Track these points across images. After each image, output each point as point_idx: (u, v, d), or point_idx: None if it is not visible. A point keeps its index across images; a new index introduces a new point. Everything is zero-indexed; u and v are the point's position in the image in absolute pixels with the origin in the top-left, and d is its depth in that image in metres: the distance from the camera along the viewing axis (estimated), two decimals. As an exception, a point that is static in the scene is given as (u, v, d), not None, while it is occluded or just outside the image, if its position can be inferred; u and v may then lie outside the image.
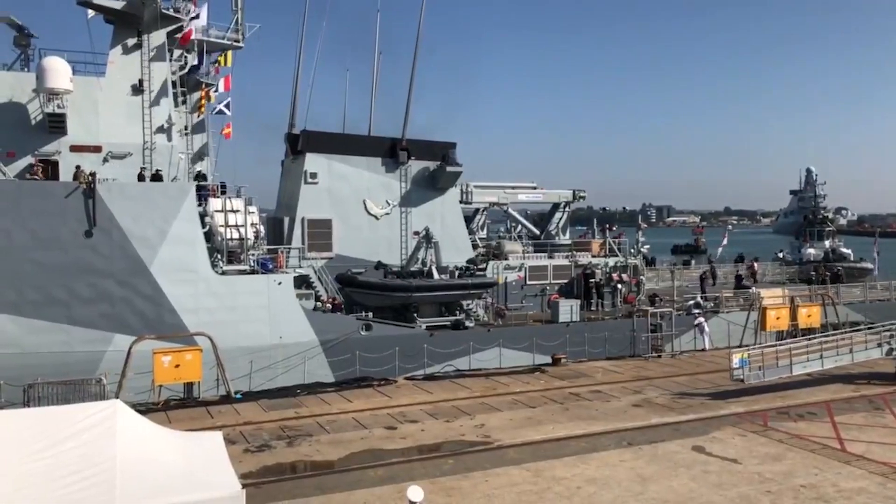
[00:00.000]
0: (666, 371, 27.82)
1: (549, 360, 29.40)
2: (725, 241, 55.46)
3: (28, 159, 26.31)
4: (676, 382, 25.77)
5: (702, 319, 33.37)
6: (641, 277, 38.73)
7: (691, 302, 35.57)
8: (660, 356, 30.81)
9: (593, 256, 38.43)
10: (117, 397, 18.86)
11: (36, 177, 25.45)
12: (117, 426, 9.83)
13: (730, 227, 79.66)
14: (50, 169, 26.33)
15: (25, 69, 27.92)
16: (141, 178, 27.05)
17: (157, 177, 27.28)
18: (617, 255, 39.02)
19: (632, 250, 39.77)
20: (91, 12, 28.35)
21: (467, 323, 31.48)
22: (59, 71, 25.66)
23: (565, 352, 29.92)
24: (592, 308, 35.40)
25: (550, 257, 37.33)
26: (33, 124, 26.47)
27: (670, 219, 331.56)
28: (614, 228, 41.81)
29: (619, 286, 36.78)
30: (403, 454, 17.89)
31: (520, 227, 42.55)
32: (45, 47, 27.94)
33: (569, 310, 32.67)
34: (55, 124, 26.23)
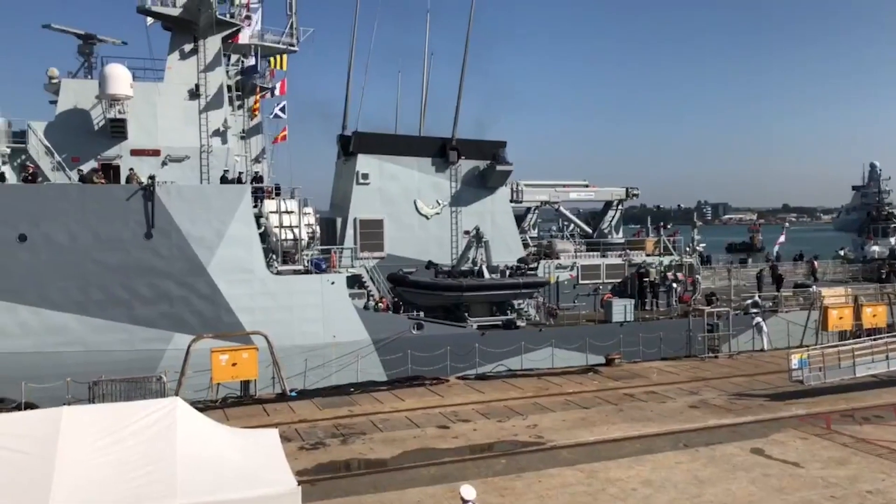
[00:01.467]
0: (723, 372, 27.22)
1: (602, 360, 29.08)
2: (783, 239, 53.89)
3: (91, 163, 27.17)
4: (734, 383, 25.18)
5: (760, 319, 32.55)
6: (697, 276, 37.96)
7: (749, 301, 34.71)
8: (717, 356, 30.16)
9: (647, 255, 37.83)
10: (177, 395, 19.36)
11: (102, 180, 26.20)
12: (178, 423, 10.08)
13: (787, 224, 77.44)
14: (112, 172, 27.15)
15: (89, 76, 28.85)
16: (223, 180, 27.65)
17: (225, 178, 27.89)
18: (672, 254, 38.33)
19: (687, 249, 39.01)
20: (150, 20, 29.18)
21: (519, 322, 31.31)
22: (120, 77, 26.43)
23: (619, 352, 29.53)
24: (647, 308, 34.85)
25: (603, 256, 36.88)
26: (96, 130, 27.32)
27: (726, 216, 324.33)
28: (669, 227, 41.01)
29: (675, 285, 36.12)
30: (456, 453, 17.90)
31: (572, 225, 42.18)
32: (107, 55, 28.84)
33: (622, 309, 32.22)
34: (117, 129, 27.01)
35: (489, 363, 28.63)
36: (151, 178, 25.75)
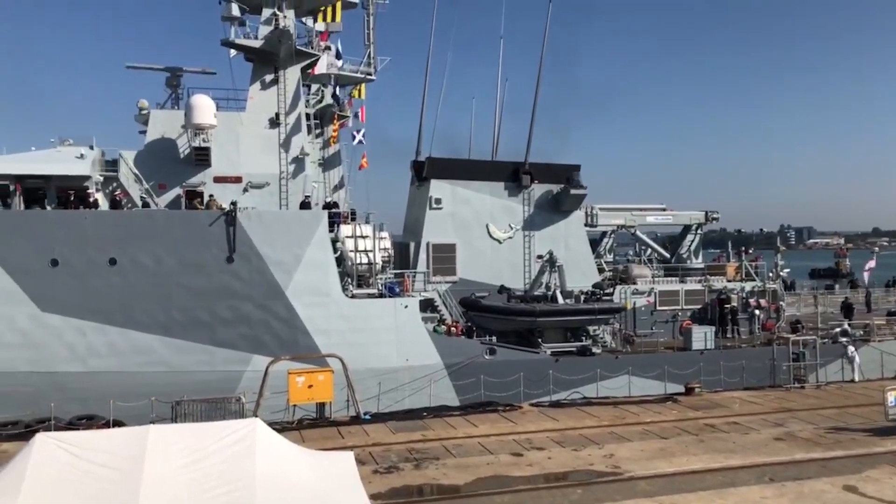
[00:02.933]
0: (811, 403, 25.95)
1: (681, 389, 28.19)
2: (873, 264, 51.35)
3: (177, 190, 28.31)
4: (823, 416, 23.96)
5: (852, 348, 31.01)
6: (781, 303, 36.54)
7: (838, 329, 33.14)
8: (803, 387, 28.81)
9: (728, 281, 36.68)
10: (255, 415, 19.77)
11: (201, 206, 27.23)
12: (257, 443, 10.26)
13: (877, 248, 73.72)
14: (196, 199, 28.18)
15: (175, 107, 30.18)
16: (304, 206, 28.41)
17: (305, 204, 28.57)
18: (754, 280, 37.06)
19: (770, 274, 37.63)
20: (233, 52, 30.37)
21: (594, 349, 30.76)
22: (204, 108, 27.55)
23: (699, 381, 28.57)
24: (728, 335, 33.72)
25: (682, 282, 35.97)
26: (182, 158, 28.48)
27: (811, 241, 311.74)
28: (751, 251, 39.73)
29: (757, 312, 34.87)
30: (530, 482, 17.56)
31: (649, 250, 41.34)
32: (193, 86, 30.15)
33: (703, 336, 31.27)
34: (201, 157, 28.08)
35: (563, 390, 28.16)
36: (233, 204, 26.61)
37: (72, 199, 26.07)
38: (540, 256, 33.06)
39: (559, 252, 32.51)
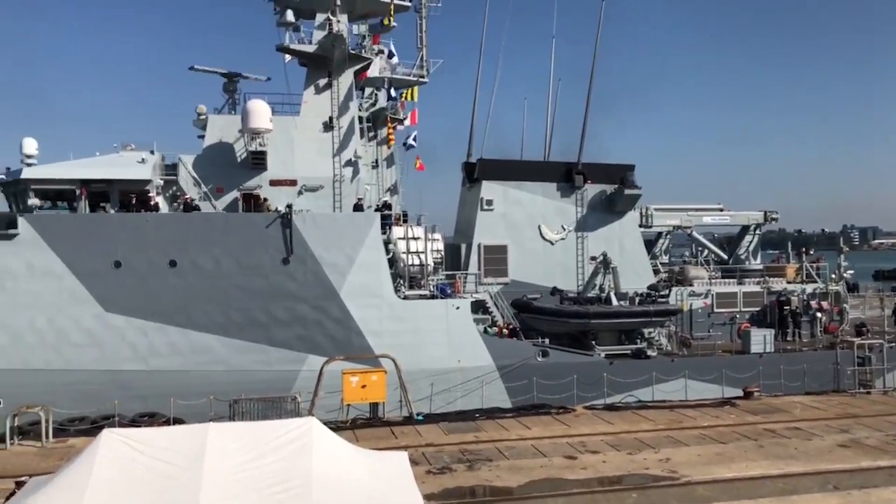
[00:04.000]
0: (877, 409, 25.10)
1: (739, 393, 27.56)
2: None
3: (234, 194, 28.91)
4: (891, 422, 23.14)
5: None
6: (844, 305, 35.41)
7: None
8: (869, 392, 27.89)
9: (788, 282, 35.71)
10: (310, 415, 20.05)
11: (261, 209, 27.79)
12: (314, 442, 10.41)
13: None
14: (252, 202, 28.74)
15: (232, 112, 30.83)
16: (357, 207, 28.78)
17: (358, 206, 28.89)
18: (815, 282, 35.98)
19: (832, 276, 36.47)
20: (288, 57, 30.88)
21: (649, 352, 30.28)
22: (260, 112, 28.03)
23: (758, 385, 27.91)
24: (788, 338, 32.81)
25: (740, 283, 35.15)
26: (238, 162, 29.07)
27: (876, 241, 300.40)
28: (811, 252, 38.58)
29: (819, 315, 33.82)
30: (584, 485, 17.44)
31: (705, 251, 40.50)
32: (249, 91, 30.75)
33: (762, 339, 30.49)
34: (257, 161, 28.61)
35: (618, 393, 27.80)
36: (289, 206, 27.03)
37: (133, 202, 26.89)
38: (593, 258, 32.70)
39: (613, 253, 32.10)
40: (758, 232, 39.18)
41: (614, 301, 30.60)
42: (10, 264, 24.77)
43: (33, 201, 26.63)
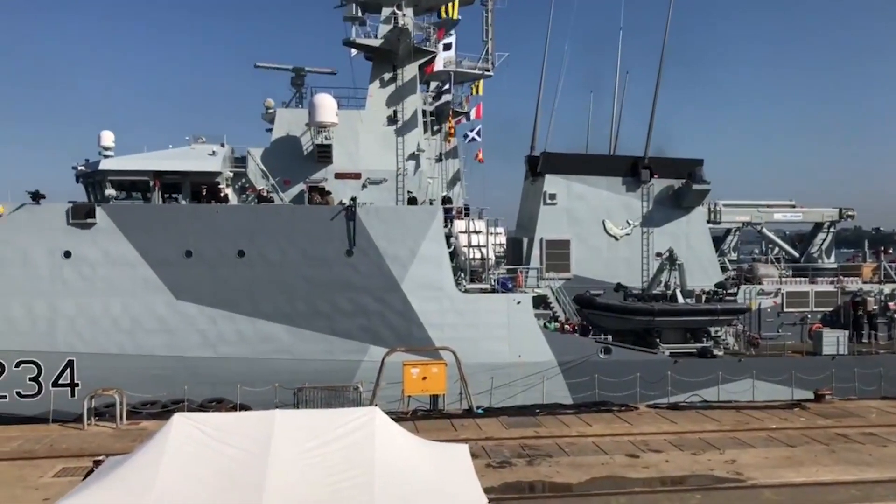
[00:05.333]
0: (960, 417, 23.89)
1: (810, 395, 26.64)
2: None
3: (300, 186, 29.46)
4: (974, 431, 21.99)
5: None
6: (926, 307, 33.81)
7: None
8: (951, 399, 26.55)
9: (864, 282, 34.34)
10: (372, 404, 20.30)
11: (319, 201, 28.31)
12: (376, 432, 10.54)
13: None
14: (318, 194, 29.22)
15: (299, 106, 31.38)
16: (410, 202, 29.08)
17: (411, 200, 29.15)
18: (894, 282, 34.48)
19: (912, 276, 34.93)
20: (354, 51, 31.24)
21: (715, 351, 29.60)
22: (327, 106, 28.47)
23: (830, 387, 26.90)
24: (863, 340, 31.60)
25: (812, 282, 33.99)
26: (305, 155, 29.59)
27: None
28: (890, 251, 37.00)
29: (898, 316, 32.44)
30: (646, 484, 17.16)
31: (776, 248, 39.29)
32: (316, 85, 31.21)
33: (835, 341, 29.44)
34: (323, 154, 29.08)
35: (682, 392, 27.26)
36: (353, 199, 27.39)
37: (204, 193, 27.68)
38: (659, 254, 32.09)
39: (679, 250, 31.44)
40: (832, 229, 37.85)
41: (680, 298, 30.00)
42: (88, 252, 25.82)
43: (110, 192, 27.72)
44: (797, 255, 38.32)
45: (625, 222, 32.87)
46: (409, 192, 29.54)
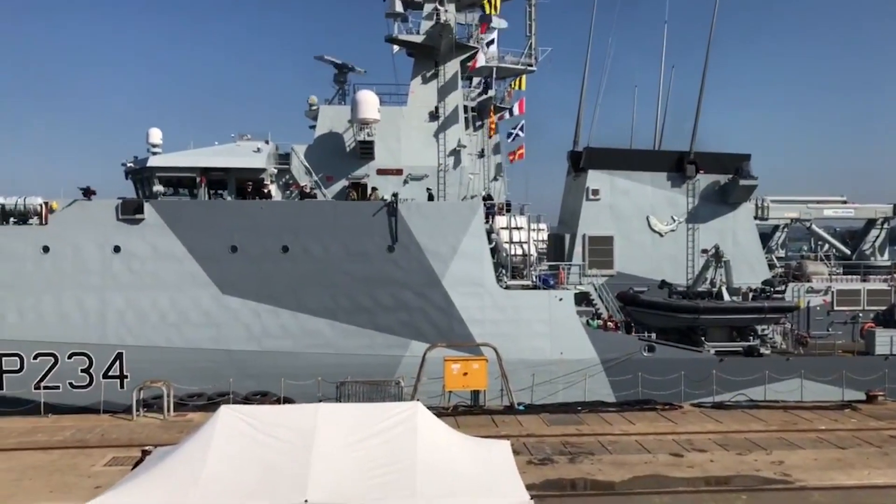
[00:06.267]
0: None
1: (862, 396, 25.93)
2: None
3: (342, 182, 29.69)
4: None
5: None
6: None
7: None
8: None
9: (919, 280, 33.25)
10: (413, 399, 20.39)
11: (356, 198, 28.52)
12: (418, 426, 10.58)
13: None
14: (360, 191, 29.43)
15: (342, 103, 31.61)
16: (430, 198, 29.09)
17: (430, 197, 28.96)
18: (951, 280, 33.33)
19: (971, 274, 33.70)
20: (396, 47, 31.34)
21: (762, 350, 29.03)
22: (369, 103, 28.64)
23: (883, 389, 26.18)
24: (918, 340, 30.54)
25: (864, 280, 33.05)
26: (347, 151, 29.81)
27: None
28: (948, 249, 35.79)
29: (955, 316, 31.33)
30: (690, 484, 16.91)
31: (826, 245, 38.30)
32: (358, 82, 31.40)
33: (888, 340, 28.65)
34: (365, 151, 29.27)
35: (728, 392, 26.79)
36: (395, 195, 27.49)
37: (249, 189, 28.08)
38: (705, 251, 31.57)
39: (726, 246, 30.88)
40: (885, 226, 36.69)
41: (726, 296, 29.47)
42: (137, 247, 26.42)
43: (158, 188, 28.32)
44: (848, 252, 37.29)
45: (669, 218, 32.39)
46: (427, 188, 29.40)
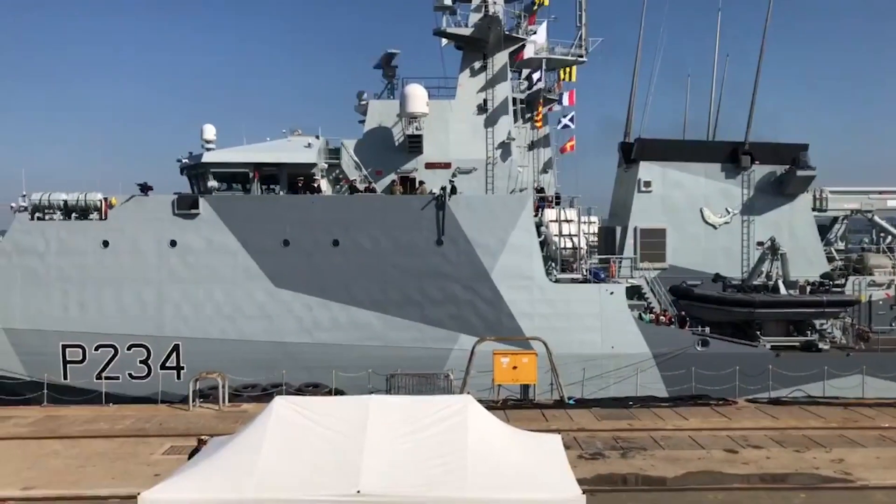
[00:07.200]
0: None
1: (927, 393, 25.06)
2: None
3: (392, 176, 29.84)
4: None
5: None
6: None
7: None
8: None
9: None
10: (463, 392, 20.44)
11: (402, 192, 28.55)
12: (469, 419, 10.59)
13: None
14: (408, 184, 29.52)
15: (391, 97, 31.74)
16: (453, 190, 28.67)
17: (454, 189, 28.15)
18: None
19: None
20: (444, 41, 31.30)
21: (821, 345, 28.26)
22: (418, 97, 28.70)
23: (950, 386, 25.22)
24: None
25: (929, 273, 31.79)
26: (396, 145, 29.95)
27: None
28: None
29: None
30: (745, 481, 16.63)
31: (889, 237, 36.97)
32: (407, 76, 31.46)
33: (955, 336, 27.48)
34: (414, 144, 29.36)
35: (784, 387, 26.17)
36: (443, 189, 27.52)
37: (300, 184, 28.45)
38: (760, 243, 30.82)
39: (782, 239, 30.09)
40: (953, 217, 35.23)
41: (782, 289, 28.75)
42: (193, 241, 27.04)
43: (212, 183, 28.88)
44: (913, 244, 35.92)
45: (724, 210, 31.68)
46: (450, 179, 28.70)
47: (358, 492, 9.20)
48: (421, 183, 28.98)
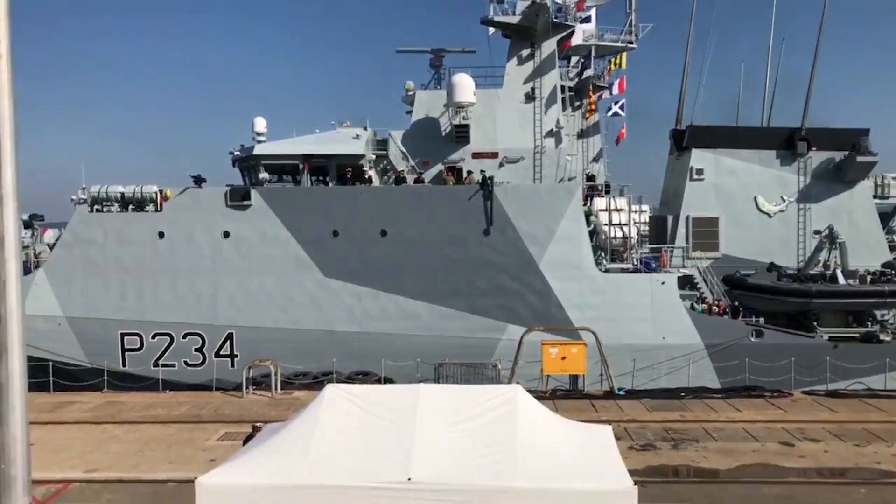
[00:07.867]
0: None
1: None
2: None
3: (439, 167, 29.87)
4: None
5: None
6: None
7: None
8: None
9: None
10: (511, 382, 20.40)
11: (453, 182, 28.55)
12: (518, 409, 10.55)
13: None
14: (455, 174, 29.53)
15: (437, 87, 31.74)
16: (484, 180, 28.31)
17: (484, 180, 27.69)
18: None
19: None
20: (492, 29, 31.13)
21: (882, 336, 27.36)
22: (465, 86, 28.64)
23: None
24: None
25: None
26: (443, 135, 29.95)
27: None
28: None
29: None
30: (802, 474, 16.20)
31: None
32: (454, 66, 31.44)
33: None
34: (461, 134, 29.32)
35: (843, 380, 25.40)
36: (490, 178, 27.42)
37: (349, 175, 28.70)
38: (817, 232, 29.96)
39: (841, 227, 29.21)
40: None
41: (841, 279, 27.90)
42: (245, 232, 27.53)
43: (263, 175, 29.35)
44: (981, 232, 34.53)
45: (779, 198, 30.88)
46: (481, 170, 28.55)
47: (409, 479, 9.25)
48: (469, 173, 28.96)
